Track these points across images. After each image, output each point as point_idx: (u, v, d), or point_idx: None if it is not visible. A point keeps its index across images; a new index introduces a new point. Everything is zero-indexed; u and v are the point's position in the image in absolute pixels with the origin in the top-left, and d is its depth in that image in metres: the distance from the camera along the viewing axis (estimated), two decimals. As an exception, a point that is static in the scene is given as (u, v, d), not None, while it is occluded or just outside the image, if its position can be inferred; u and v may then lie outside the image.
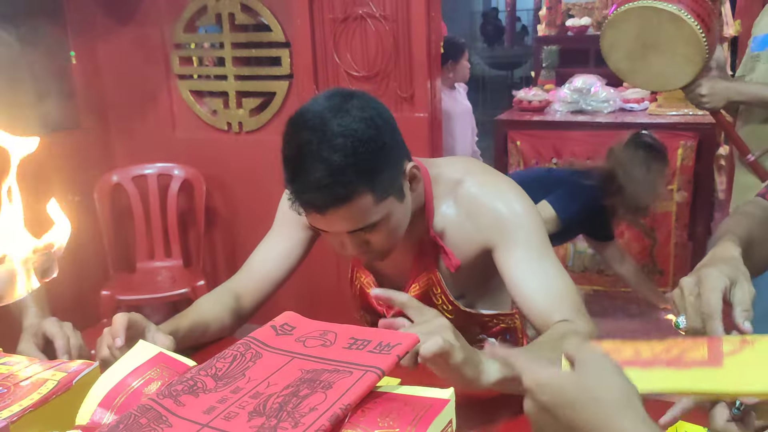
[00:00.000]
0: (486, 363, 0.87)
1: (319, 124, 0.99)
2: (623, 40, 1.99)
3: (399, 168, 1.09)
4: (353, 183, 0.99)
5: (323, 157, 0.97)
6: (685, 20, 1.83)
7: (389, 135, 1.06)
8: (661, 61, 1.97)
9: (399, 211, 1.10)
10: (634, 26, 1.93)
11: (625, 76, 2.11)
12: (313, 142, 0.98)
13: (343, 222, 1.04)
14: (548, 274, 1.11)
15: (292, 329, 0.84)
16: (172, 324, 1.18)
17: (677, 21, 1.85)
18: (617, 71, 2.08)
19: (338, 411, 0.65)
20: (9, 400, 0.89)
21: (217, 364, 0.77)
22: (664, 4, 1.83)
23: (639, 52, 1.99)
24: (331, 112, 1.00)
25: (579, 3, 4.97)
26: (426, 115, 2.66)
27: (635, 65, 2.03)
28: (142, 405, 0.70)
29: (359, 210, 1.02)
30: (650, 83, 2.21)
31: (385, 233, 1.09)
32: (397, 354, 0.73)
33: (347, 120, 0.99)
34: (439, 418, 0.68)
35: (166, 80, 3.11)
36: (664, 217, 3.28)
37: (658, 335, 0.76)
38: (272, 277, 1.37)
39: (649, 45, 1.94)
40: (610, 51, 2.04)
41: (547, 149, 3.45)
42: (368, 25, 2.63)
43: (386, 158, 1.04)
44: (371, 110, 1.03)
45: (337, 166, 0.97)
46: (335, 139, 0.98)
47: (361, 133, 0.99)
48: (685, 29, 1.85)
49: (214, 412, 0.68)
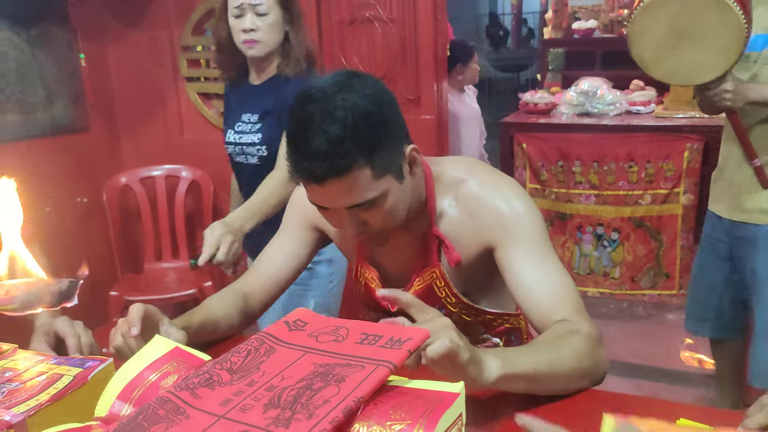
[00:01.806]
0: (487, 361, 0.88)
1: (322, 98, 1.02)
2: (656, 27, 1.87)
3: (398, 147, 1.11)
4: (352, 155, 1.01)
5: (323, 128, 1.00)
6: (731, 7, 1.74)
7: (390, 113, 1.08)
8: (693, 51, 1.86)
9: (397, 191, 1.11)
10: (671, 12, 1.83)
11: (646, 66, 1.98)
12: (315, 115, 1.01)
13: (341, 195, 1.06)
14: (549, 274, 1.12)
15: (305, 325, 0.85)
16: (184, 320, 1.20)
17: (722, 8, 1.75)
18: (639, 60, 1.96)
19: (351, 404, 0.66)
20: (25, 395, 0.91)
21: (232, 358, 0.79)
22: None
23: (671, 41, 1.87)
24: (334, 87, 1.03)
25: (585, 6, 4.98)
26: (432, 117, 2.68)
27: (662, 53, 1.91)
28: (160, 397, 0.72)
29: (357, 184, 1.04)
30: (675, 74, 2.03)
31: (383, 213, 1.10)
32: (408, 349, 0.74)
33: (350, 94, 1.02)
34: (450, 412, 0.70)
35: (174, 82, 3.14)
36: (671, 219, 3.29)
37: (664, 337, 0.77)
38: (280, 278, 1.39)
39: (684, 33, 1.84)
40: (638, 37, 1.92)
41: (553, 152, 3.46)
42: (375, 27, 2.65)
43: (386, 135, 1.06)
44: (373, 88, 1.06)
45: (337, 137, 1.00)
46: (336, 111, 1.00)
47: (362, 108, 1.02)
48: (730, 18, 1.76)
49: (230, 404, 0.70)
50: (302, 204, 1.29)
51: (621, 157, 3.30)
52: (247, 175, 2.01)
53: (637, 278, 3.43)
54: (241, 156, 2.00)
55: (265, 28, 1.85)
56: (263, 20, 1.85)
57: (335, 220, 1.14)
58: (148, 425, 0.67)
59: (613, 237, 3.41)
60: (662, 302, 3.41)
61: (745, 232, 2.11)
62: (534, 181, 3.53)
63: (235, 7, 1.85)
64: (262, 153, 1.95)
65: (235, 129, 1.99)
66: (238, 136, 1.98)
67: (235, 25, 1.87)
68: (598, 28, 4.79)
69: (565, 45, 4.70)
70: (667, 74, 1.99)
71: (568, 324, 1.05)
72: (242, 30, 1.85)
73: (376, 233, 1.16)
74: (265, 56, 1.91)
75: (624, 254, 3.42)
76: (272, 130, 1.93)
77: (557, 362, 0.97)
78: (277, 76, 1.94)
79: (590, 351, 1.02)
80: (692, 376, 2.88)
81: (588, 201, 3.42)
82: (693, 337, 2.91)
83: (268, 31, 1.86)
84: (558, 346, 1.00)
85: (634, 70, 1.98)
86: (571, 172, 3.42)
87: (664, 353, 3.02)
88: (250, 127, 1.97)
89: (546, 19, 5.29)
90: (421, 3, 2.57)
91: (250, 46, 1.87)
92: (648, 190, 3.30)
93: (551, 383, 0.98)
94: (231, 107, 2.06)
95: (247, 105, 1.99)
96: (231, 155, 2.04)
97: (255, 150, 1.96)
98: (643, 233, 3.35)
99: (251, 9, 1.84)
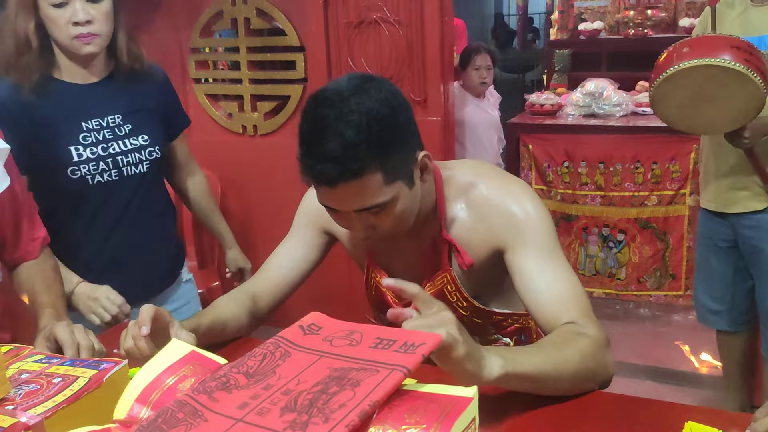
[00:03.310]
0: (488, 359, 0.88)
1: (337, 101, 1.03)
2: (679, 93, 1.96)
3: (411, 154, 1.11)
4: (365, 159, 1.02)
5: (338, 131, 1.00)
6: (752, 78, 1.81)
7: (404, 119, 1.09)
8: (714, 111, 1.95)
9: (407, 197, 1.12)
10: (695, 81, 1.89)
11: (670, 123, 2.10)
12: (329, 117, 1.01)
13: (351, 198, 1.06)
14: (557, 276, 1.13)
15: (319, 329, 0.86)
16: (193, 321, 1.21)
17: (743, 79, 1.82)
18: (663, 117, 2.07)
19: (367, 408, 0.67)
20: (42, 397, 0.92)
21: (248, 362, 0.80)
22: (732, 63, 1.81)
23: (692, 104, 1.96)
24: (349, 91, 1.04)
25: (591, 7, 4.98)
26: (439, 118, 2.69)
27: (684, 112, 2.01)
28: (179, 400, 0.73)
29: (368, 188, 1.05)
30: (696, 129, 2.21)
31: (392, 217, 1.11)
32: (422, 353, 0.75)
33: (364, 98, 1.03)
34: (464, 416, 0.70)
35: (183, 84, 3.15)
36: (677, 221, 3.29)
37: (670, 338, 0.78)
38: (288, 280, 1.40)
39: (706, 97, 1.92)
40: (661, 101, 2.01)
41: (558, 153, 3.46)
42: (382, 29, 2.66)
43: (399, 141, 1.07)
44: (388, 93, 1.07)
45: (351, 141, 1.00)
46: (351, 115, 1.01)
47: (376, 113, 1.02)
48: (749, 87, 1.84)
49: (247, 407, 0.71)
50: (314, 207, 1.30)
51: (627, 159, 3.30)
52: (128, 191, 1.67)
53: (643, 279, 3.43)
54: (110, 172, 1.62)
55: (101, 17, 1.53)
56: (97, 8, 1.52)
57: (344, 221, 1.15)
58: (167, 428, 0.68)
59: (618, 238, 3.42)
60: (668, 303, 3.42)
61: (746, 220, 2.20)
62: (540, 182, 3.53)
63: None
64: (155, 156, 1.69)
65: (82, 141, 1.58)
66: (99, 147, 1.60)
67: (57, 17, 1.50)
68: (604, 29, 4.80)
69: (571, 46, 4.70)
70: (688, 128, 2.14)
71: (575, 326, 1.06)
72: (73, 23, 1.50)
73: (384, 236, 1.17)
74: (100, 51, 1.59)
75: (630, 255, 3.42)
76: (157, 127, 1.72)
77: (562, 364, 0.98)
78: (121, 67, 1.65)
79: (596, 354, 1.02)
80: (698, 377, 2.88)
81: (594, 202, 3.42)
82: (699, 338, 2.93)
83: (104, 21, 1.54)
84: (563, 349, 1.00)
85: (640, 71, 2.01)
86: (576, 173, 3.43)
87: (670, 354, 3.03)
88: (117, 131, 1.63)
89: (552, 20, 5.29)
90: (427, 5, 2.58)
91: (86, 41, 1.53)
92: (654, 192, 3.30)
93: (555, 384, 0.99)
94: (54, 117, 1.58)
95: (92, 109, 1.62)
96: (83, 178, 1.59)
97: (144, 154, 1.66)
98: (649, 234, 3.36)
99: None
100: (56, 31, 1.52)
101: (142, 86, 1.71)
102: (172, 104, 1.85)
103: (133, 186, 1.67)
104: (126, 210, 1.68)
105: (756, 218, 2.15)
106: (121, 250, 1.70)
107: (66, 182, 1.58)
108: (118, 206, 1.66)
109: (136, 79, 1.69)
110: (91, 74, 1.63)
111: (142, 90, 1.70)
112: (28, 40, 1.52)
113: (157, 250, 1.78)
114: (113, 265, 1.69)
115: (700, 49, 1.87)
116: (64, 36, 1.52)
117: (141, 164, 1.67)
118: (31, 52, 1.53)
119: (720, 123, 2.00)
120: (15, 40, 1.53)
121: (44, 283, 1.40)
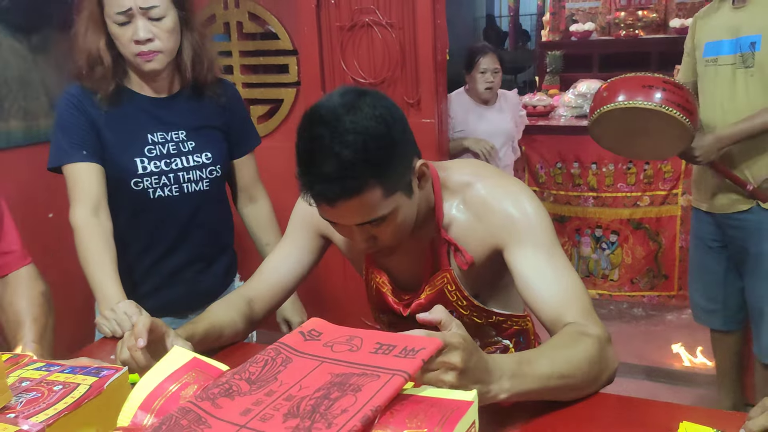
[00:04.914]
0: (496, 383, 0.89)
1: (332, 120, 1.02)
2: (611, 131, 2.09)
3: (408, 164, 1.12)
4: (363, 177, 1.02)
5: (335, 151, 1.00)
6: (666, 113, 1.91)
7: (399, 132, 1.08)
8: (650, 141, 2.07)
9: (407, 206, 1.12)
10: (619, 121, 2.01)
11: (618, 153, 2.32)
12: (325, 137, 1.01)
13: (352, 214, 1.07)
14: (558, 275, 1.13)
15: (320, 335, 0.87)
16: (189, 328, 1.21)
17: (660, 115, 1.92)
18: (610, 149, 2.25)
19: (369, 413, 0.68)
20: (44, 404, 0.92)
21: (250, 368, 0.80)
22: (644, 102, 1.91)
23: (629, 138, 2.09)
24: (343, 108, 1.03)
25: (583, 8, 5.01)
26: (433, 120, 2.70)
27: (625, 144, 2.17)
28: (182, 407, 0.74)
29: (368, 203, 1.05)
30: (643, 155, 2.57)
31: (393, 228, 1.12)
32: (422, 358, 0.76)
33: (359, 117, 1.02)
34: (464, 419, 0.71)
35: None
36: (669, 221, 3.31)
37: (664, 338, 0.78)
38: (284, 284, 1.40)
39: (638, 132, 2.03)
40: (601, 139, 2.17)
41: (551, 154, 3.48)
42: (375, 32, 2.66)
43: (396, 155, 1.07)
44: (383, 108, 1.06)
45: (348, 161, 1.00)
46: (347, 135, 1.01)
47: (372, 130, 1.02)
48: (670, 120, 1.93)
49: (250, 413, 0.71)
50: (308, 210, 1.30)
51: (619, 159, 3.32)
52: (188, 208, 1.67)
53: (636, 280, 3.45)
54: (171, 187, 1.63)
55: (163, 35, 1.54)
56: (159, 26, 1.54)
57: (346, 233, 1.16)
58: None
59: (611, 239, 3.44)
60: (661, 303, 3.44)
61: (732, 221, 2.24)
62: (532, 183, 3.55)
63: (119, 13, 1.51)
64: (216, 174, 1.69)
65: (147, 154, 1.61)
66: (162, 161, 1.62)
67: (121, 35, 1.53)
68: (595, 31, 4.83)
69: (563, 47, 4.72)
70: (636, 156, 2.43)
71: (577, 327, 1.06)
72: (135, 41, 1.53)
73: (384, 247, 1.17)
74: (164, 68, 1.60)
75: (623, 256, 3.44)
76: (220, 146, 1.71)
77: (568, 375, 0.99)
78: (187, 83, 1.67)
79: (601, 355, 1.03)
80: (692, 376, 2.90)
81: (586, 203, 3.44)
82: (693, 337, 2.95)
83: (167, 38, 1.55)
84: (570, 357, 1.00)
85: (632, 72, 2.04)
86: (569, 174, 3.44)
87: (664, 353, 3.05)
88: (181, 146, 1.65)
89: (543, 22, 5.32)
90: (420, 7, 2.59)
91: (147, 59, 1.55)
92: (646, 192, 3.32)
93: (562, 394, 1.00)
94: (124, 126, 1.61)
95: (159, 122, 1.64)
96: (144, 191, 1.61)
97: (205, 173, 1.67)
98: (641, 235, 3.38)
99: (142, 14, 1.52)
100: (122, 48, 1.56)
101: (209, 103, 1.70)
102: (239, 123, 1.80)
103: (193, 203, 1.67)
104: (185, 226, 1.68)
105: (741, 218, 2.18)
106: (178, 264, 1.71)
107: (129, 193, 1.61)
108: (178, 222, 1.67)
109: (203, 95, 1.69)
110: (159, 88, 1.65)
111: (208, 107, 1.70)
112: (100, 56, 1.56)
113: (213, 263, 1.79)
114: (169, 278, 1.71)
115: (615, 92, 1.99)
116: (128, 53, 1.56)
117: (201, 182, 1.67)
118: (103, 66, 1.57)
119: (661, 149, 2.15)
120: (87, 55, 1.57)
121: (29, 312, 1.38)
